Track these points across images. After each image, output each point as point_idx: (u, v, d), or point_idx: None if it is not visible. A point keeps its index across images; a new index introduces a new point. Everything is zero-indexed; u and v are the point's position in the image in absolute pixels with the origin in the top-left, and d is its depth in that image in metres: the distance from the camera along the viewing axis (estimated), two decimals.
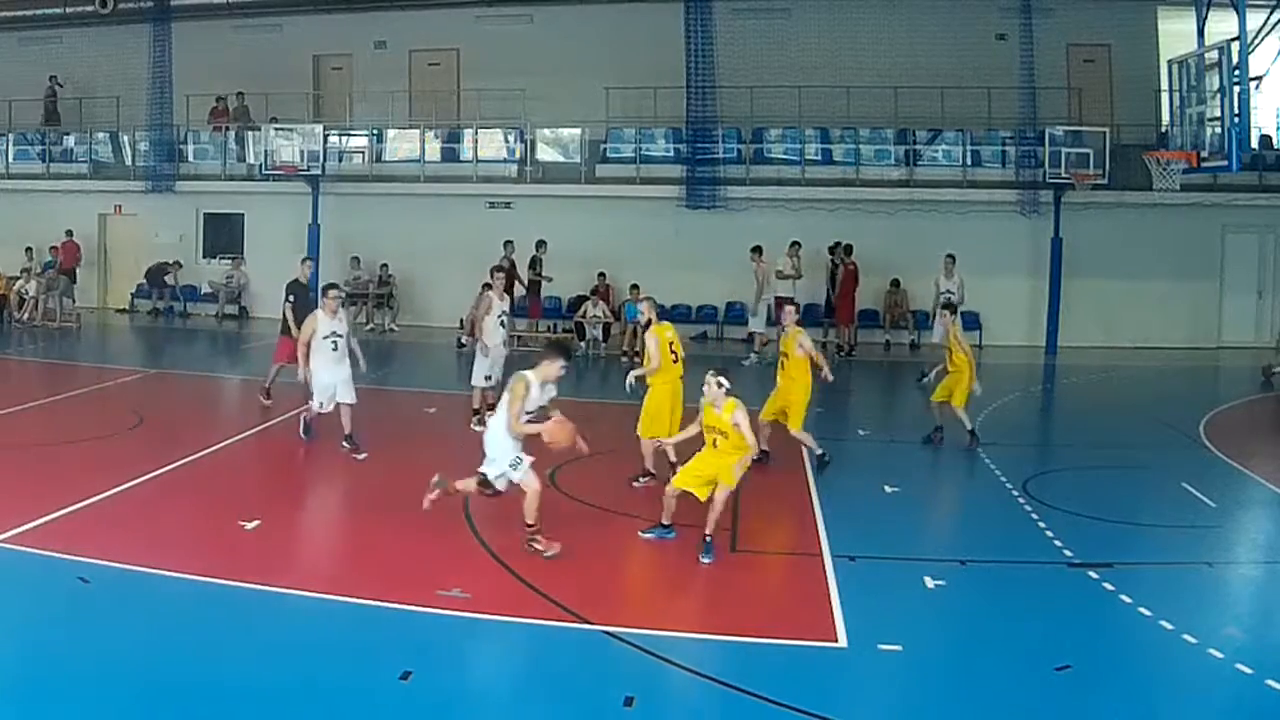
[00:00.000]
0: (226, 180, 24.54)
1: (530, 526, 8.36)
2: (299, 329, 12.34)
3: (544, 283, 21.36)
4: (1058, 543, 8.97)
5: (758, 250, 19.89)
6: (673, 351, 10.75)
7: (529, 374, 8.45)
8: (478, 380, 13.17)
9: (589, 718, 6.04)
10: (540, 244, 21.15)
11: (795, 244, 20.41)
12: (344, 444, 11.58)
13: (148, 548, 8.25)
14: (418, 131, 24.01)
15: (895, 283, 21.66)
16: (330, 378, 11.68)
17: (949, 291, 17.83)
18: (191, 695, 5.99)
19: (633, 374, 10.89)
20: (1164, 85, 17.04)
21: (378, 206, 23.39)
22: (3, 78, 25.57)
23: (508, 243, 20.65)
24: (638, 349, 19.76)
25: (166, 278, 24.53)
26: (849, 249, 20.85)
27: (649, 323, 11.14)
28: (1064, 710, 6.13)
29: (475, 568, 8.22)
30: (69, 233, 24.23)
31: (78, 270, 24.26)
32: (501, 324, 13.29)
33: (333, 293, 11.96)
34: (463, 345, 20.41)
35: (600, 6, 23.56)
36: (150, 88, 24.45)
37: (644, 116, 22.82)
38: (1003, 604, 7.81)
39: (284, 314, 14.06)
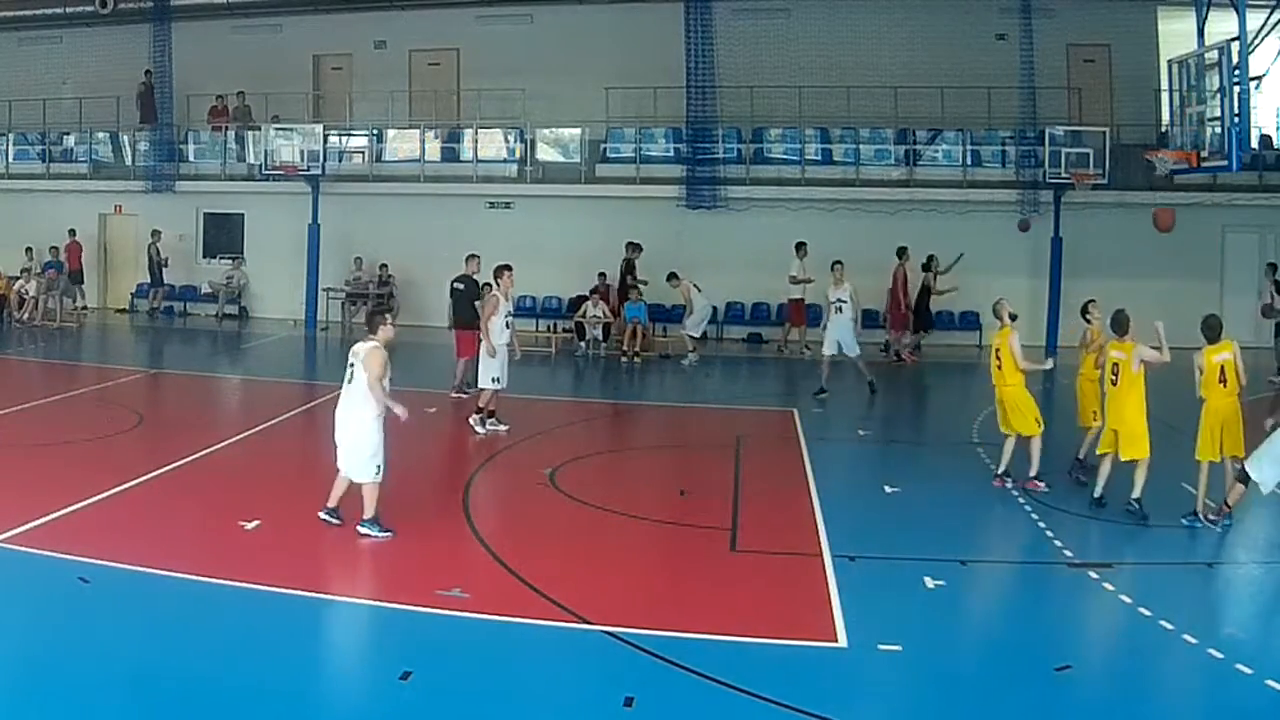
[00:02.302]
0: (226, 180, 24.53)
1: None
2: (488, 323, 12.91)
3: (641, 288, 20.74)
4: (1058, 543, 8.97)
5: (673, 277, 20.13)
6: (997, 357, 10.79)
7: None
8: (484, 382, 13.00)
9: (589, 718, 6.04)
10: (632, 246, 20.93)
11: (801, 245, 20.18)
12: (360, 529, 8.77)
13: (148, 548, 8.25)
14: (418, 131, 23.99)
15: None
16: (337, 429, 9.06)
17: (840, 300, 16.34)
18: (191, 695, 5.99)
19: None
20: (1164, 85, 17.03)
21: (378, 206, 23.39)
22: (3, 78, 25.57)
23: (630, 244, 20.87)
24: (637, 349, 19.87)
25: (157, 259, 24.29)
26: (902, 251, 20.44)
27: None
28: (1064, 710, 6.13)
29: (475, 568, 8.23)
30: (71, 232, 24.22)
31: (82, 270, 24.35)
32: (506, 324, 13.08)
33: (390, 317, 9.28)
34: None
35: (600, 6, 23.55)
36: (150, 88, 24.45)
37: (644, 116, 22.80)
38: (1003, 604, 7.81)
39: (467, 310, 14.72)
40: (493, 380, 12.92)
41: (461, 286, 15.17)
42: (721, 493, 10.57)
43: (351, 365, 8.86)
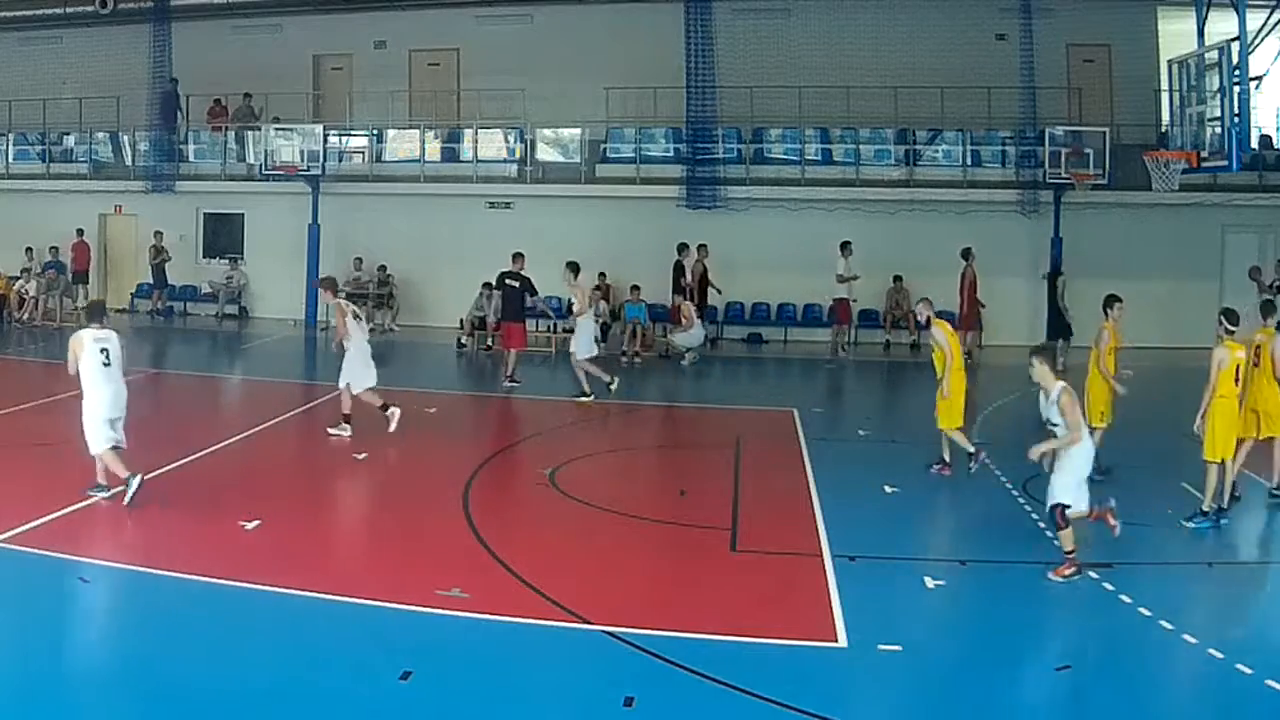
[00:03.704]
0: (226, 180, 24.54)
1: None
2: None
3: (712, 290, 20.58)
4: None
5: (680, 292, 19.59)
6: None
7: None
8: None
9: (589, 718, 6.04)
10: (683, 248, 20.26)
11: (847, 244, 19.76)
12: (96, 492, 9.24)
13: (148, 548, 8.25)
14: (418, 131, 24.01)
15: (898, 279, 21.71)
16: (106, 407, 9.27)
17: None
18: (191, 695, 5.99)
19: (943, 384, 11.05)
20: (1164, 85, 17.04)
21: (378, 206, 23.40)
22: (3, 78, 25.58)
23: (684, 246, 20.32)
24: (637, 349, 19.86)
25: (154, 260, 24.21)
26: (967, 252, 19.92)
27: (929, 321, 11.43)
28: (1064, 710, 6.13)
29: (475, 568, 8.22)
30: (79, 231, 24.09)
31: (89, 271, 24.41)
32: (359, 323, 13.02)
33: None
34: (463, 346, 20.43)
35: (600, 6, 23.55)
36: (150, 88, 24.45)
37: (644, 116, 22.82)
38: (1003, 604, 7.80)
39: (517, 304, 16.14)
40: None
41: (516, 284, 16.11)
42: (721, 493, 10.57)
43: (106, 350, 9.37)
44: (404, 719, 5.94)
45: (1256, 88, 13.59)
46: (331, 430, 12.46)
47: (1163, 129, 18.27)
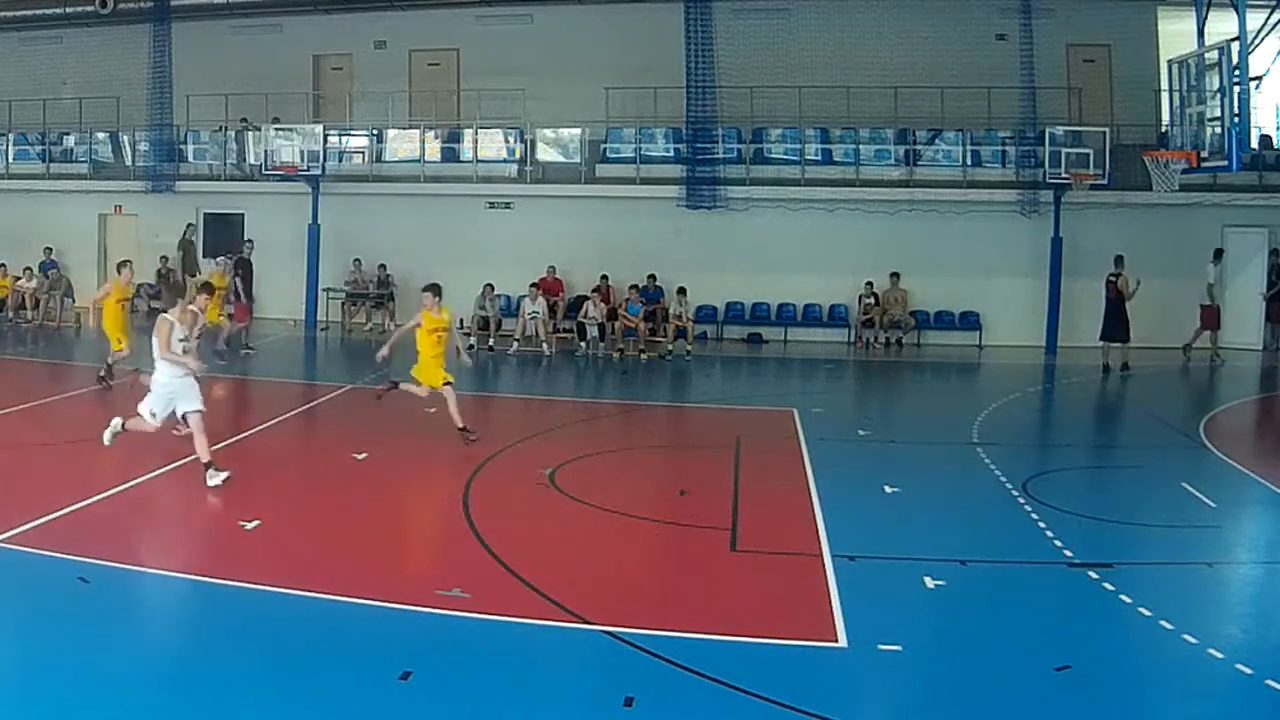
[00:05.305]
0: (226, 180, 24.54)
1: None
2: None
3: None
4: (1058, 543, 8.97)
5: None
6: None
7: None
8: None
9: (589, 718, 6.04)
10: None
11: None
12: None
13: (148, 548, 8.25)
14: (418, 131, 24.02)
15: (895, 275, 21.75)
16: None
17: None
18: (191, 695, 5.99)
19: None
20: (1164, 85, 17.05)
21: (378, 206, 23.40)
22: (3, 78, 25.58)
23: None
24: (642, 348, 19.85)
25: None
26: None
27: None
28: (1064, 710, 6.13)
29: (475, 568, 8.22)
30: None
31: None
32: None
33: None
34: (472, 348, 20.36)
35: (600, 6, 23.57)
36: (150, 88, 24.43)
37: (644, 116, 22.83)
38: (1003, 604, 7.80)
39: None
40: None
41: None
42: (721, 493, 10.57)
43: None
44: (404, 719, 5.94)
45: (1256, 88, 13.62)
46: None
47: (1163, 129, 18.28)
